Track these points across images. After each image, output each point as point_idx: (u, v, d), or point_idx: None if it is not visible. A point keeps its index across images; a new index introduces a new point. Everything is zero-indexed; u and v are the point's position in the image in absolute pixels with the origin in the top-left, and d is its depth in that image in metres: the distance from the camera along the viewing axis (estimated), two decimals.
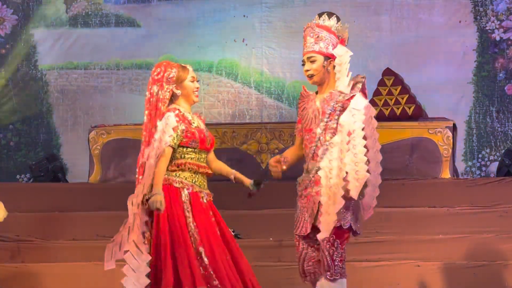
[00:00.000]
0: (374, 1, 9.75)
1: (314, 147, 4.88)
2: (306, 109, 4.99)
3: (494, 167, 9.27)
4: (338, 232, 4.80)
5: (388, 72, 8.82)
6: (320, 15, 5.06)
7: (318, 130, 4.85)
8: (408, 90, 8.68)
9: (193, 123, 5.10)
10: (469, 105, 9.57)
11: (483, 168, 9.49)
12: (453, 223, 7.17)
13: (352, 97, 4.83)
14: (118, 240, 4.95)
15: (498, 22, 9.56)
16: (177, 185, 5.04)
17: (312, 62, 4.97)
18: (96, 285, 6.76)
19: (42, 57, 10.14)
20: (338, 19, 5.07)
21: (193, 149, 5.07)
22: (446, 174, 8.08)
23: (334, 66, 4.95)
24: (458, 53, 9.61)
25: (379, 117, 8.44)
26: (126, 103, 9.94)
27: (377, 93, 8.70)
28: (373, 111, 4.83)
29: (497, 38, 9.56)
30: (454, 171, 8.32)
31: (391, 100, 8.61)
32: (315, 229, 4.84)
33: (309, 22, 5.09)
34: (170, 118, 5.01)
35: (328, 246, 4.80)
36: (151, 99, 5.09)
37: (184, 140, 5.04)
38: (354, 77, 4.95)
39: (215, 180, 5.59)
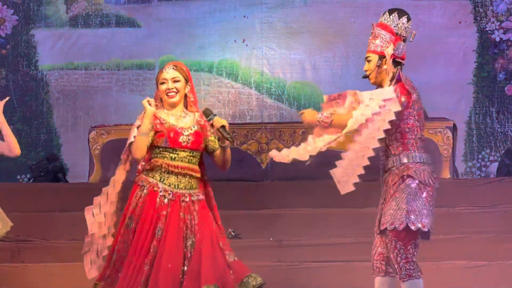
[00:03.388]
0: (374, 1, 9.75)
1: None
2: None
3: (494, 167, 9.27)
4: (397, 234, 4.80)
5: None
6: (384, 12, 5.02)
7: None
8: None
9: (166, 123, 5.09)
10: (469, 106, 9.58)
11: (483, 169, 9.49)
12: (453, 223, 7.17)
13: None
14: (94, 248, 5.16)
15: (498, 23, 9.56)
16: (139, 183, 5.10)
17: (368, 61, 4.95)
18: None
19: (42, 57, 10.15)
20: (401, 16, 4.94)
21: (164, 148, 5.07)
22: (446, 174, 8.08)
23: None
24: (458, 54, 9.62)
25: None
26: (126, 104, 9.95)
27: None
28: (393, 106, 4.78)
29: (497, 39, 9.56)
30: (454, 171, 8.32)
31: None
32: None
33: (373, 22, 5.04)
34: (137, 119, 5.14)
35: (392, 249, 4.81)
36: None
37: (155, 139, 5.07)
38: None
39: (215, 180, 5.60)
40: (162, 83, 5.12)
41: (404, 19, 4.94)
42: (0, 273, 6.90)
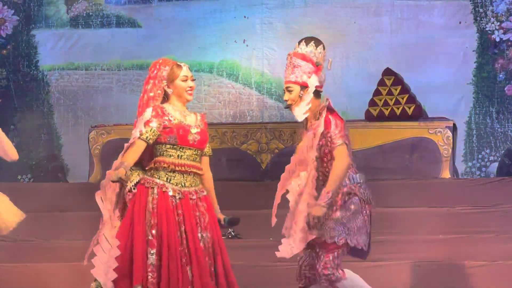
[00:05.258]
0: (375, 2, 9.77)
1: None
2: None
3: (494, 167, 9.27)
4: (333, 247, 4.87)
5: (388, 72, 8.83)
6: (299, 42, 5.06)
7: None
8: (408, 90, 8.69)
9: (175, 119, 5.08)
10: (469, 106, 9.59)
11: (483, 169, 9.49)
12: (453, 223, 7.17)
13: (318, 125, 4.83)
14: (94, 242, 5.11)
15: (498, 23, 9.57)
16: (147, 185, 5.05)
17: (290, 92, 5.00)
18: None
19: (43, 57, 10.17)
20: (318, 45, 5.04)
21: (172, 146, 5.04)
22: (446, 174, 8.09)
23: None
24: (458, 54, 9.63)
25: (379, 117, 8.56)
26: (127, 104, 9.95)
27: (377, 93, 8.71)
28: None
29: (497, 39, 9.57)
30: (454, 171, 8.33)
31: (391, 100, 8.62)
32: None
33: (290, 51, 5.10)
34: (146, 113, 5.04)
35: (320, 258, 4.88)
36: (144, 97, 5.14)
37: (162, 136, 5.03)
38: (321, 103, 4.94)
39: (214, 180, 5.59)
40: (184, 80, 5.10)
41: (320, 48, 5.05)
42: (0, 273, 6.90)
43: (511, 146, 9.29)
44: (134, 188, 5.09)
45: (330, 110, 4.91)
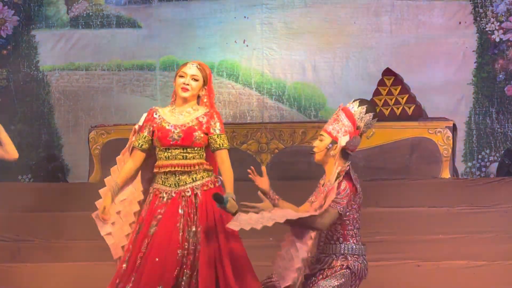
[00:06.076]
0: (374, 2, 9.77)
1: None
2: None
3: (494, 167, 9.28)
4: None
5: (388, 72, 8.84)
6: (355, 100, 5.00)
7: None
8: (408, 90, 8.70)
9: (161, 122, 5.10)
10: (469, 106, 9.59)
11: (483, 169, 9.50)
12: (453, 223, 7.17)
13: (332, 188, 4.79)
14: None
15: (498, 24, 9.57)
16: (150, 190, 5.16)
17: (320, 140, 4.96)
18: (96, 285, 6.76)
19: (43, 58, 10.17)
20: (369, 111, 4.96)
21: (159, 148, 5.09)
22: (446, 174, 8.09)
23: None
24: (458, 54, 9.63)
25: (379, 117, 8.54)
26: (127, 104, 9.96)
27: (377, 93, 8.72)
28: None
29: (497, 39, 9.57)
30: (454, 171, 8.33)
31: (391, 100, 8.62)
32: None
33: (342, 103, 5.04)
34: (141, 119, 5.18)
35: None
36: None
37: (153, 140, 5.12)
38: (340, 167, 4.89)
39: None
40: (181, 76, 5.11)
41: (370, 116, 4.97)
42: (0, 273, 6.90)
43: (511, 146, 9.29)
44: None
45: (348, 176, 4.85)
